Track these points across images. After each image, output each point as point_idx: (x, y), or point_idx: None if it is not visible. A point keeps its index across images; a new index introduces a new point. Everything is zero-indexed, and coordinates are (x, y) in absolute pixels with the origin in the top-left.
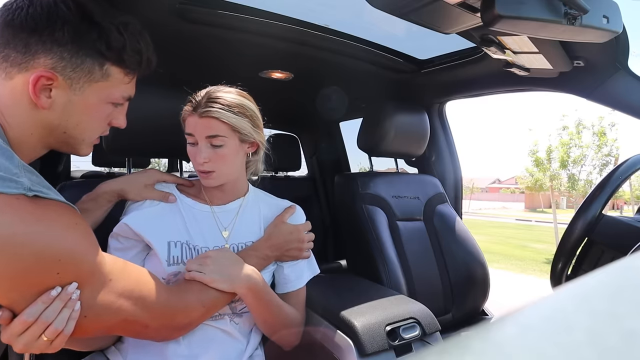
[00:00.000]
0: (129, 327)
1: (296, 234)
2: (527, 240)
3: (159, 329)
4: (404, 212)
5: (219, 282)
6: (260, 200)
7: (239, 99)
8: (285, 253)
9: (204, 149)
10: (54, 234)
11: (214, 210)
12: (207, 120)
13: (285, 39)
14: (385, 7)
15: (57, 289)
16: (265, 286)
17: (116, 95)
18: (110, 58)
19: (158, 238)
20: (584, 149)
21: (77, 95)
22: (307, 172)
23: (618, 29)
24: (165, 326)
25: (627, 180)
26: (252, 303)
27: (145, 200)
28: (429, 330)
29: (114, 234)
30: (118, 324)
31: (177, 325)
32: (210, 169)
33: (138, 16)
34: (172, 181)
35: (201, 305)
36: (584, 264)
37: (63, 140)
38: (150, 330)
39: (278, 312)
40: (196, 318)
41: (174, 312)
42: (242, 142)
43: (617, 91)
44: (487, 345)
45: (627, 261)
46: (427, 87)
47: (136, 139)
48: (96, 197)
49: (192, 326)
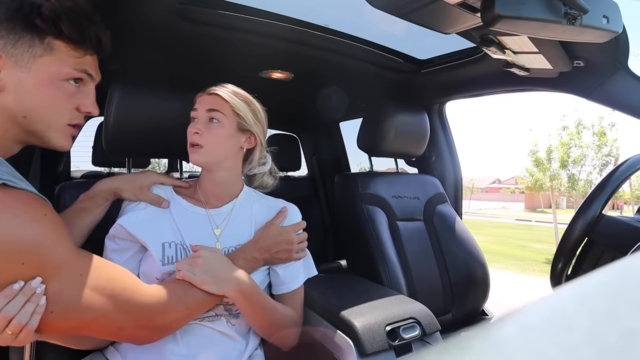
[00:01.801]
0: (103, 327)
1: (285, 235)
2: (527, 240)
3: (137, 330)
4: (404, 212)
5: (208, 284)
6: (254, 201)
7: (247, 94)
8: (274, 255)
9: (201, 121)
10: (20, 222)
11: (209, 212)
12: (212, 97)
13: (285, 39)
14: (385, 7)
15: (20, 282)
16: (255, 288)
17: (66, 70)
18: (47, 30)
19: (152, 239)
20: (584, 149)
21: (25, 73)
22: (307, 172)
23: (618, 29)
24: (142, 327)
25: (627, 180)
26: (243, 305)
27: (140, 202)
28: (429, 330)
29: (110, 235)
30: (90, 323)
31: (157, 325)
32: (199, 142)
33: (138, 16)
34: (169, 183)
35: (184, 307)
36: (584, 264)
37: (29, 129)
38: (127, 332)
39: (271, 314)
40: (178, 319)
41: (151, 313)
42: (240, 131)
43: (617, 91)
44: (487, 345)
45: (627, 261)
46: (427, 87)
47: (136, 139)
48: (93, 195)
49: (175, 327)
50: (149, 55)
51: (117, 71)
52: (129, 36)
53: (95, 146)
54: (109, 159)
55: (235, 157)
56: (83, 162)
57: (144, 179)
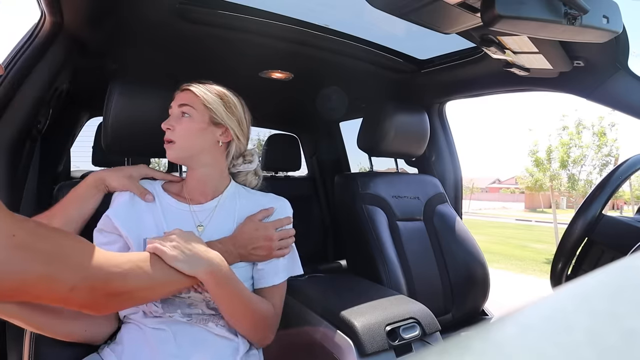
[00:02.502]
0: (49, 288)
1: (262, 230)
2: (527, 240)
3: (91, 293)
4: (404, 212)
5: (179, 261)
6: (240, 197)
7: (223, 89)
8: (251, 252)
9: (173, 116)
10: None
11: (192, 209)
12: (185, 92)
13: (285, 39)
14: (385, 7)
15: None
16: (229, 274)
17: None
18: None
19: (134, 233)
20: (584, 149)
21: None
22: (307, 172)
23: (618, 29)
24: (96, 289)
25: (627, 180)
26: (214, 290)
27: (126, 193)
28: (429, 330)
29: (99, 228)
30: (32, 284)
31: (113, 291)
32: (171, 137)
33: (138, 16)
34: (160, 177)
35: (148, 278)
36: (584, 264)
37: None
38: (78, 294)
39: (245, 304)
40: (139, 289)
41: (108, 275)
42: (214, 125)
43: (617, 91)
44: (487, 345)
45: (627, 261)
46: (427, 87)
47: (136, 139)
48: (85, 185)
49: (136, 298)
50: (149, 55)
51: (116, 71)
52: (129, 36)
53: (95, 146)
54: (109, 159)
55: (212, 151)
56: (83, 162)
57: (134, 170)
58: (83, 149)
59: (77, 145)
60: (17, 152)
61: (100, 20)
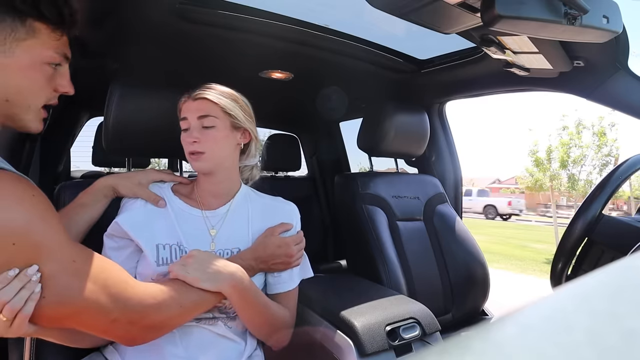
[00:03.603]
0: (96, 318)
1: (284, 248)
2: (527, 240)
3: (129, 326)
4: (404, 212)
5: (202, 281)
6: (251, 200)
7: (233, 91)
8: (271, 266)
9: (195, 129)
10: (8, 204)
11: (204, 214)
12: (200, 102)
13: (285, 39)
14: (385, 7)
15: (15, 270)
16: (251, 285)
17: (49, 53)
18: (28, 12)
19: (146, 240)
20: (584, 149)
21: (9, 58)
22: (307, 172)
23: (618, 29)
24: (135, 323)
25: (627, 180)
26: (237, 302)
27: (137, 200)
28: (429, 330)
29: (109, 233)
30: (82, 311)
31: (150, 323)
32: (200, 150)
33: (138, 16)
34: (170, 179)
35: (178, 305)
36: (584, 264)
37: (7, 112)
38: (119, 326)
39: (265, 312)
40: (171, 317)
41: (143, 308)
42: (235, 129)
43: (617, 91)
44: (487, 345)
45: (627, 261)
46: (427, 87)
47: (136, 139)
48: (93, 191)
49: (168, 326)
50: (149, 55)
51: (117, 71)
52: (129, 36)
53: (95, 146)
54: (109, 159)
55: (233, 155)
56: (83, 162)
57: (143, 176)
58: (83, 149)
59: (77, 145)
60: (17, 152)
61: (100, 20)
